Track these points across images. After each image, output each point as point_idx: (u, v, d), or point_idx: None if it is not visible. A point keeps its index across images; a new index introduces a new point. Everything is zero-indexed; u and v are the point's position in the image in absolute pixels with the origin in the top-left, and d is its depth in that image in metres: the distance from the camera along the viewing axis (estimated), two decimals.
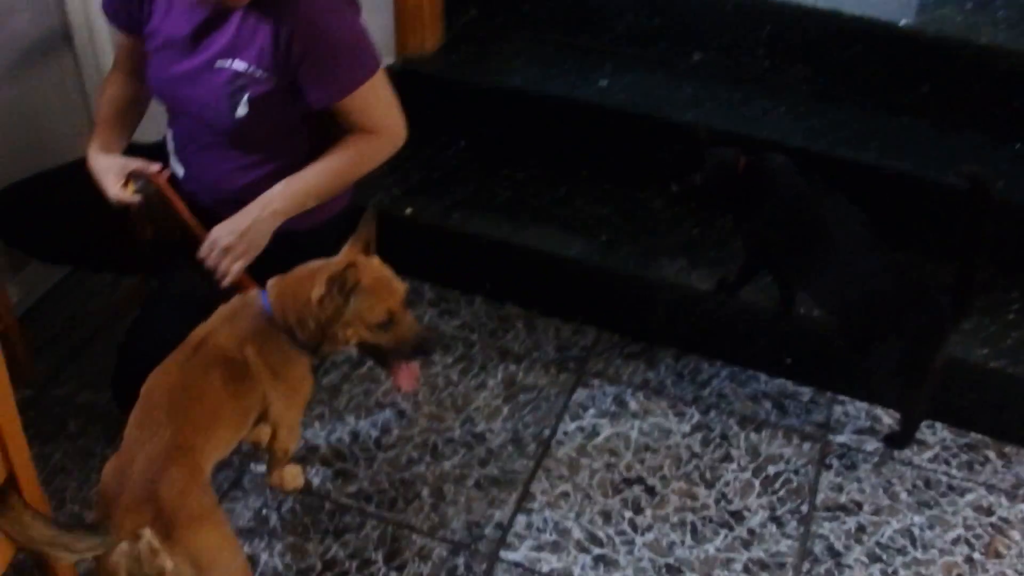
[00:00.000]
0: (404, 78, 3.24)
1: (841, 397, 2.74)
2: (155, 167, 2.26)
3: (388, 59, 3.27)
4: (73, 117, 2.80)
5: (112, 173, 2.27)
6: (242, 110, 2.21)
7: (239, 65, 2.19)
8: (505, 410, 2.70)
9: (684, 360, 2.85)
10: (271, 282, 2.15)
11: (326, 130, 2.36)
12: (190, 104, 2.28)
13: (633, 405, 2.72)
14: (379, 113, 2.34)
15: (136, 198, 2.25)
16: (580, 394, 2.75)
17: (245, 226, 2.27)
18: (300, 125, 2.31)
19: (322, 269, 2.07)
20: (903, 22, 2.99)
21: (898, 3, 3.11)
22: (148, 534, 1.81)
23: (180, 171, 2.38)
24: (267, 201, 2.29)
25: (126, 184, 2.26)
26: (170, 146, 2.43)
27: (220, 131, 2.28)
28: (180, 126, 2.39)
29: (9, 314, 2.57)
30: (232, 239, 2.26)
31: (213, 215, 2.30)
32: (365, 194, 2.98)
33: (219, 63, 2.20)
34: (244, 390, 2.10)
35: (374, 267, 2.11)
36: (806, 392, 2.76)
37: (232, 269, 2.28)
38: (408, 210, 2.99)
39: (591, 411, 2.70)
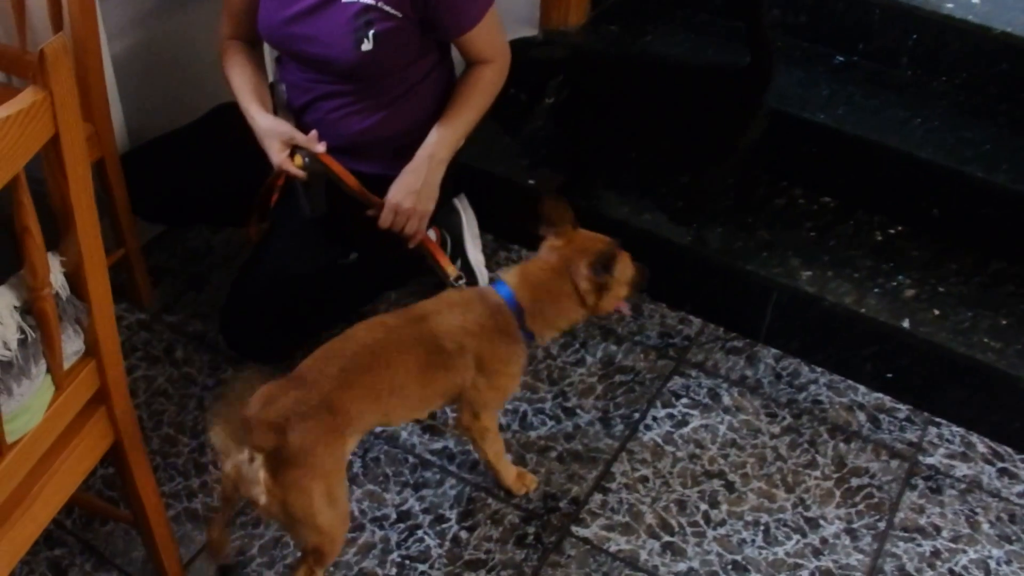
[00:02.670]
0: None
1: (938, 419, 2.68)
2: (321, 146, 2.30)
3: (531, 31, 3.31)
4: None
5: (276, 139, 2.33)
6: (367, 45, 2.24)
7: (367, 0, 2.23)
8: (599, 388, 2.73)
9: (785, 362, 2.82)
10: (511, 279, 2.20)
11: (434, 69, 2.42)
12: (309, 42, 2.29)
13: (726, 400, 2.71)
14: (498, 40, 2.41)
15: (301, 173, 2.32)
16: (675, 382, 2.76)
17: (419, 184, 2.35)
18: (416, 62, 2.35)
19: (567, 260, 2.18)
20: None
21: None
22: (260, 460, 1.87)
23: (291, 122, 2.40)
24: (429, 153, 2.35)
25: (291, 155, 2.32)
26: (280, 99, 2.45)
27: (340, 69, 2.30)
28: (292, 75, 2.42)
29: (133, 240, 2.68)
30: (412, 200, 2.34)
31: None
32: (493, 163, 3.05)
33: None
34: (434, 379, 2.13)
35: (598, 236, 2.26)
36: (903, 409, 2.71)
37: (421, 229, 2.38)
38: (531, 181, 3.02)
39: (684, 400, 2.71)
